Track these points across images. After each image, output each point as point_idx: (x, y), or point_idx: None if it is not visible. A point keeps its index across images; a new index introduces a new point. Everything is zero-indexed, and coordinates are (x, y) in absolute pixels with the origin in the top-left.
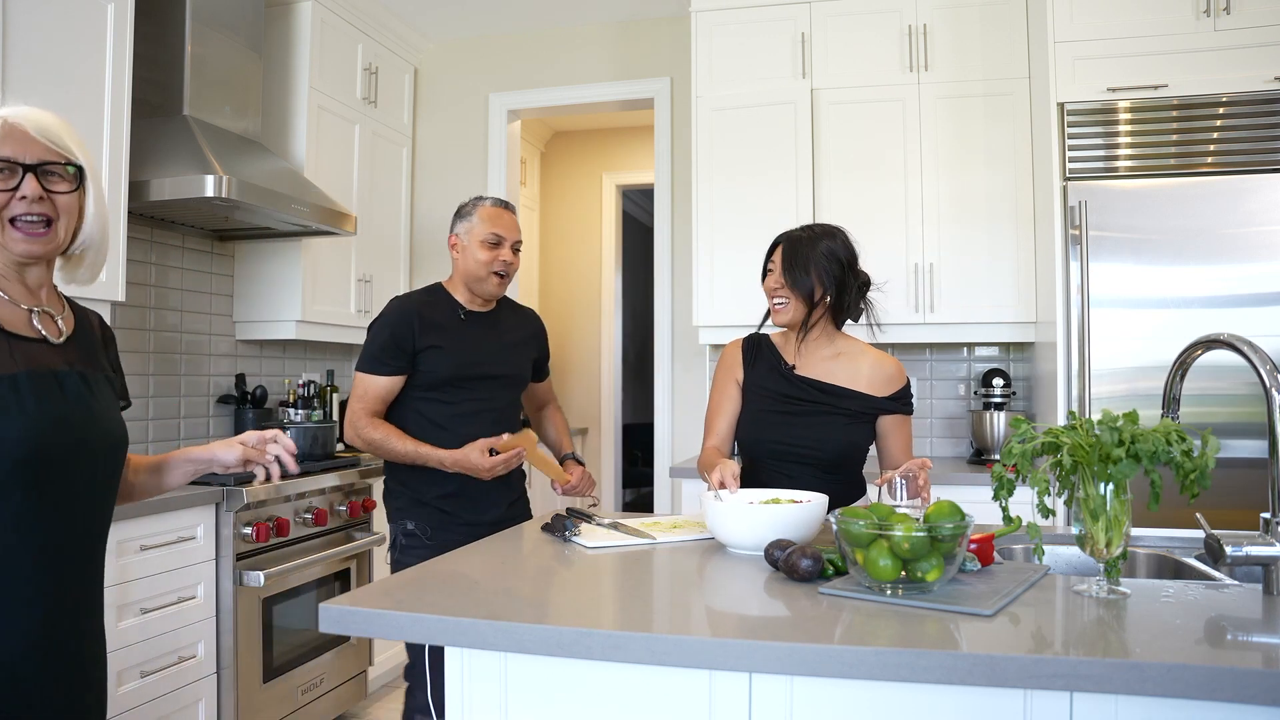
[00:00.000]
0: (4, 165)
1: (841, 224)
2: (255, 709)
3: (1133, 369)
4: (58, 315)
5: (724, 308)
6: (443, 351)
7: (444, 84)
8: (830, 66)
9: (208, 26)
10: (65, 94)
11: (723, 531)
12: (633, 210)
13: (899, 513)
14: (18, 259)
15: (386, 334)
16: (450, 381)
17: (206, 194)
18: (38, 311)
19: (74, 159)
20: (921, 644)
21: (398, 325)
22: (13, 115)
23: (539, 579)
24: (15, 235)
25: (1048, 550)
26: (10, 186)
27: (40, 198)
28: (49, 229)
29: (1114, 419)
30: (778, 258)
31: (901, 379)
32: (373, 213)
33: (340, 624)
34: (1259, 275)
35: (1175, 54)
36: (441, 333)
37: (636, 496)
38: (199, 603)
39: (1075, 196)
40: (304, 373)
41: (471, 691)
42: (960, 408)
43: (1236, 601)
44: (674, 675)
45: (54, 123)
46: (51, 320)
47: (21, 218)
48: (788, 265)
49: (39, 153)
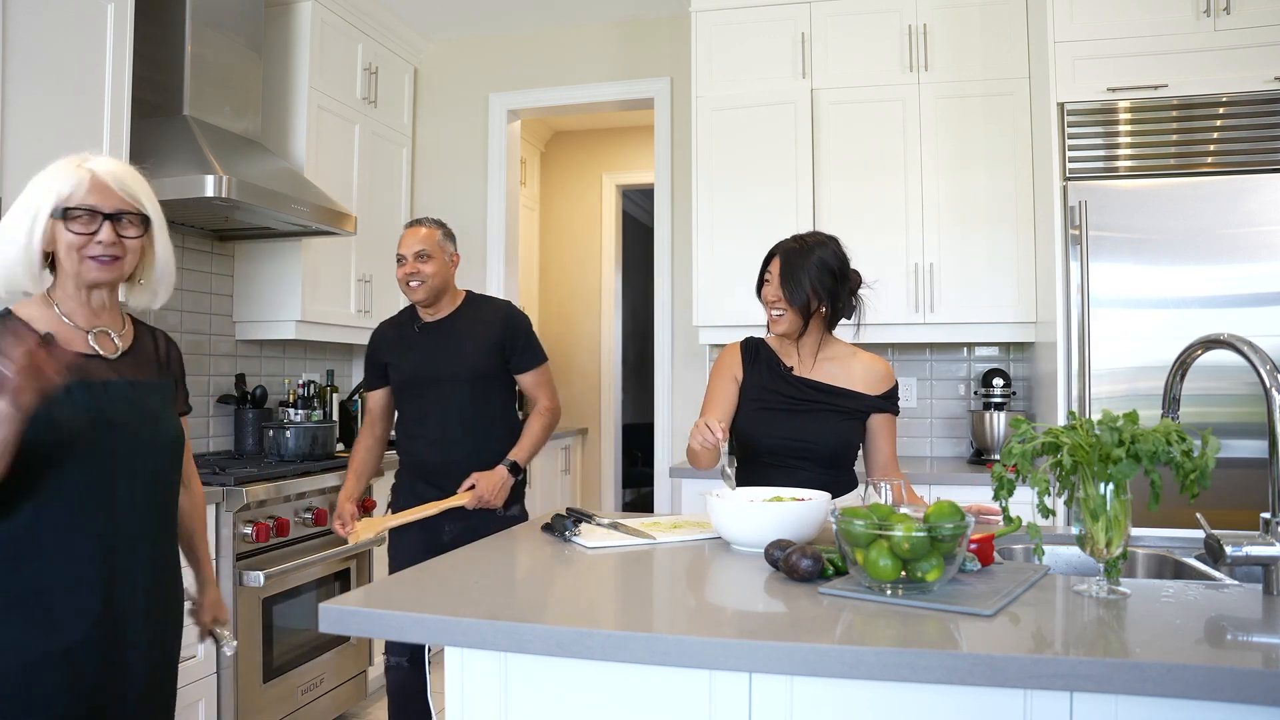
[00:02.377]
0: (87, 212)
1: (841, 224)
2: (255, 709)
3: (1133, 369)
4: (115, 333)
5: (724, 308)
6: (396, 363)
7: (444, 84)
8: (830, 66)
9: (208, 26)
10: (65, 94)
11: (725, 528)
12: (633, 210)
13: (899, 513)
14: (88, 284)
15: (367, 353)
16: (406, 387)
17: (206, 194)
18: (95, 332)
19: (144, 210)
20: (921, 644)
21: (370, 347)
22: (99, 169)
23: (539, 579)
24: (90, 265)
25: (1048, 550)
26: (91, 230)
27: (113, 242)
28: (116, 262)
29: (1114, 419)
30: (775, 269)
31: (891, 380)
32: (373, 213)
33: (340, 624)
34: (1259, 275)
35: (1175, 54)
36: (395, 347)
37: (636, 496)
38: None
39: (1075, 196)
40: (304, 373)
41: (471, 691)
42: (960, 408)
43: (1236, 601)
44: (674, 675)
45: (130, 177)
46: (108, 338)
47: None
48: (784, 279)
49: (116, 203)
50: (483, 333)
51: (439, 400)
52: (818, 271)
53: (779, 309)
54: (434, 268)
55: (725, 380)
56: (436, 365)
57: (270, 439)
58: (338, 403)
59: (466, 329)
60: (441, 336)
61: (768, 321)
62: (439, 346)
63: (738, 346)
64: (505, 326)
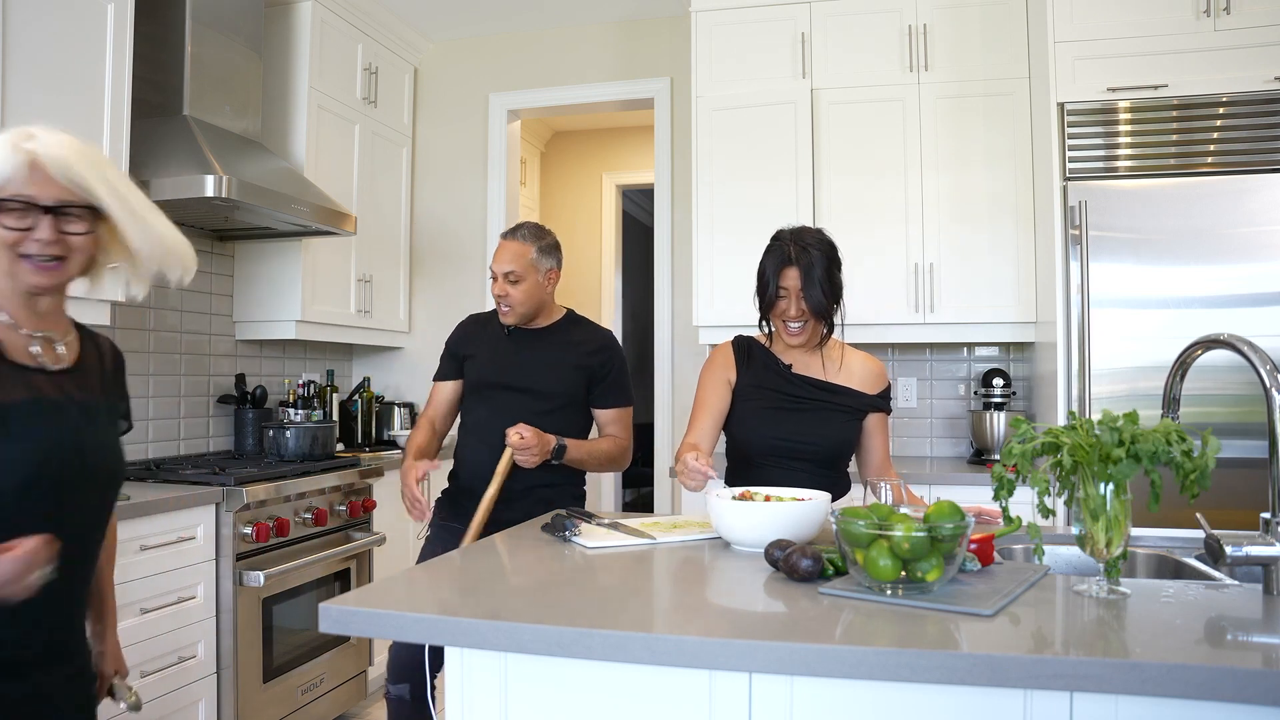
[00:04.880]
0: (22, 205)
1: (842, 224)
2: (255, 709)
3: (1133, 369)
4: (60, 341)
5: (724, 308)
6: (475, 360)
7: (444, 84)
8: (830, 66)
9: (208, 26)
10: (65, 94)
11: (725, 528)
12: (633, 210)
13: (899, 513)
14: (25, 290)
15: (448, 343)
16: (476, 388)
17: (206, 194)
18: (38, 337)
19: (93, 200)
20: (921, 644)
21: (453, 337)
22: (39, 151)
23: (539, 579)
24: (26, 268)
25: (1048, 550)
26: (25, 226)
27: (53, 240)
28: (59, 264)
29: (1114, 419)
30: (792, 283)
31: (886, 379)
32: (373, 213)
33: (340, 624)
34: (1259, 275)
35: (1175, 54)
36: (480, 344)
37: (636, 496)
38: (199, 603)
39: (1075, 196)
40: (304, 373)
41: (471, 691)
42: (960, 408)
43: (1236, 601)
44: (674, 675)
45: (80, 160)
46: (50, 346)
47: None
48: (807, 294)
49: (57, 193)
50: (574, 354)
51: (506, 408)
52: (828, 274)
53: (799, 321)
54: (524, 292)
55: (718, 383)
56: (515, 372)
57: (270, 439)
58: (338, 403)
59: (557, 345)
60: (528, 346)
61: (777, 332)
62: (523, 355)
63: (729, 346)
64: (600, 355)
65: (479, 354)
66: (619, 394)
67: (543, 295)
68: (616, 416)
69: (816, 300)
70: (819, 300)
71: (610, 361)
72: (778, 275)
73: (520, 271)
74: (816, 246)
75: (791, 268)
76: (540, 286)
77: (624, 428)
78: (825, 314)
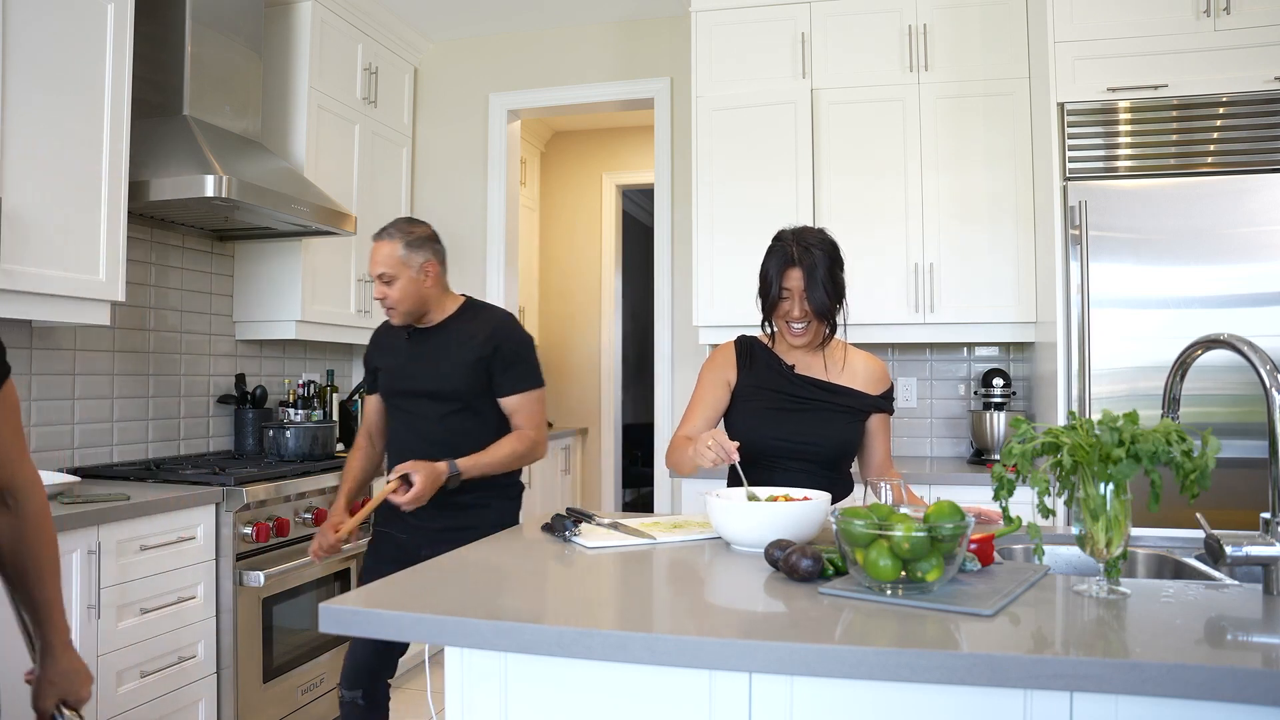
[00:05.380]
0: None
1: (842, 224)
2: (255, 709)
3: (1133, 369)
4: None
5: (724, 308)
6: (382, 371)
7: (444, 84)
8: (830, 66)
9: (208, 26)
10: (65, 94)
11: (725, 528)
12: (633, 210)
13: (899, 513)
14: None
15: (364, 355)
16: (387, 398)
17: (206, 194)
18: None
19: None
20: (921, 644)
21: (368, 348)
22: None
23: (539, 579)
24: None
25: (1048, 550)
26: None
27: None
28: None
29: (1114, 419)
30: (795, 284)
31: (888, 379)
32: (373, 213)
33: (340, 624)
34: (1259, 275)
35: (1175, 54)
36: (386, 353)
37: (636, 496)
38: (199, 603)
39: (1075, 196)
40: (304, 373)
41: (471, 691)
42: (960, 408)
43: (1236, 601)
44: (674, 675)
45: None
46: None
47: None
48: (810, 295)
49: None
50: (469, 347)
51: (412, 418)
52: (831, 274)
53: (803, 322)
54: (401, 290)
55: (717, 383)
56: (414, 377)
57: (270, 439)
58: (338, 403)
59: (452, 342)
60: (426, 347)
61: (780, 333)
62: (421, 358)
63: (731, 346)
64: (493, 339)
65: (384, 363)
66: (518, 376)
67: (422, 290)
68: (520, 404)
69: (819, 300)
70: (822, 301)
71: (504, 343)
72: (780, 276)
73: (392, 271)
74: (819, 246)
75: (794, 268)
76: (417, 282)
77: (529, 415)
78: (828, 314)
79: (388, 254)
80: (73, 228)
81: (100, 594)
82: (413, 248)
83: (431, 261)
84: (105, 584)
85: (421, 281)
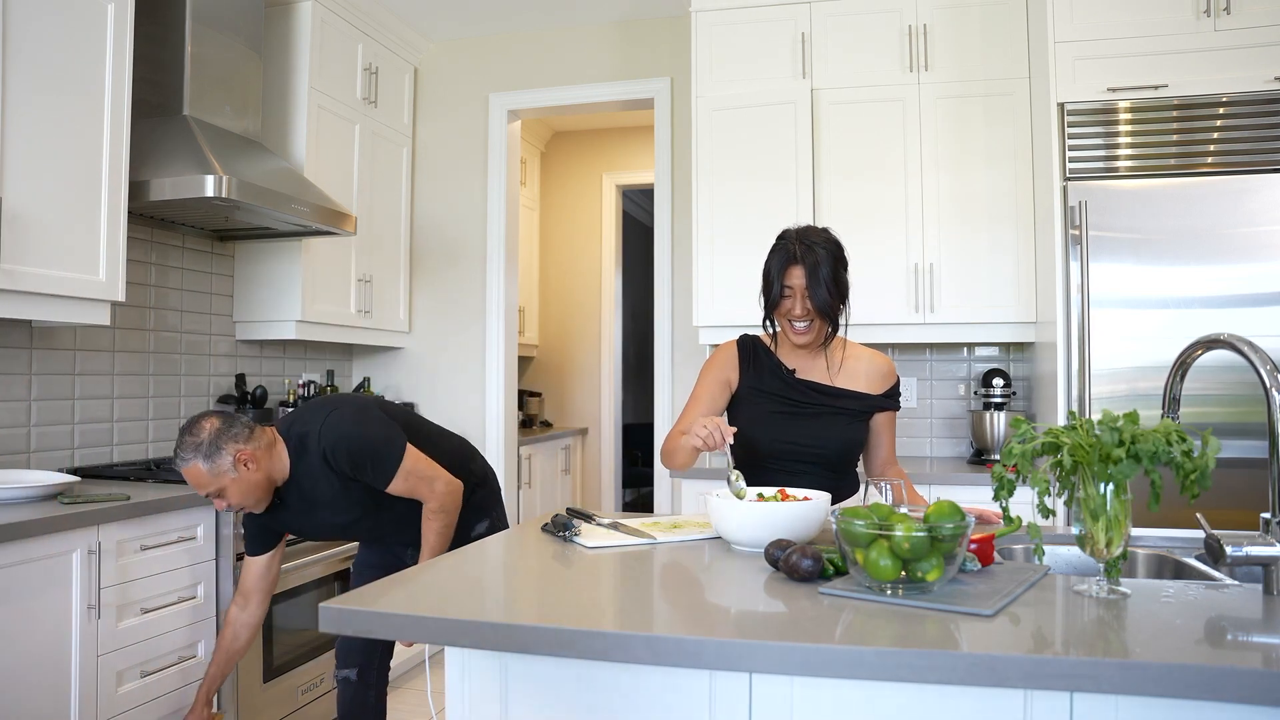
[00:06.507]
0: None
1: (842, 224)
2: (255, 709)
3: (1133, 369)
4: None
5: (724, 308)
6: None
7: (444, 84)
8: (830, 66)
9: (208, 26)
10: (65, 94)
11: (725, 528)
12: (633, 210)
13: (899, 513)
14: None
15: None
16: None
17: (206, 194)
18: None
19: None
20: (921, 644)
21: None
22: None
23: (539, 579)
24: None
25: (1048, 550)
26: None
27: None
28: None
29: (1114, 419)
30: (797, 282)
31: (893, 376)
32: (373, 213)
33: (340, 624)
34: (1259, 275)
35: (1175, 54)
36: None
37: (636, 496)
38: (199, 603)
39: (1075, 196)
40: (304, 373)
41: (471, 691)
42: (960, 408)
43: (1236, 601)
44: (674, 675)
45: None
46: None
47: None
48: (813, 293)
49: None
50: (325, 480)
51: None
52: (834, 273)
53: (805, 321)
54: (236, 495)
55: (716, 382)
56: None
57: None
58: None
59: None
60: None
61: (782, 331)
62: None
63: (734, 346)
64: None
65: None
66: (378, 473)
67: (253, 478)
68: (399, 485)
69: (822, 299)
70: (824, 299)
71: (343, 461)
72: (783, 274)
73: (214, 486)
74: (822, 245)
75: (797, 266)
76: (243, 477)
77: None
78: (831, 313)
79: (197, 477)
80: (73, 227)
81: (100, 594)
82: (212, 457)
83: (243, 449)
84: (105, 584)
85: (247, 474)
